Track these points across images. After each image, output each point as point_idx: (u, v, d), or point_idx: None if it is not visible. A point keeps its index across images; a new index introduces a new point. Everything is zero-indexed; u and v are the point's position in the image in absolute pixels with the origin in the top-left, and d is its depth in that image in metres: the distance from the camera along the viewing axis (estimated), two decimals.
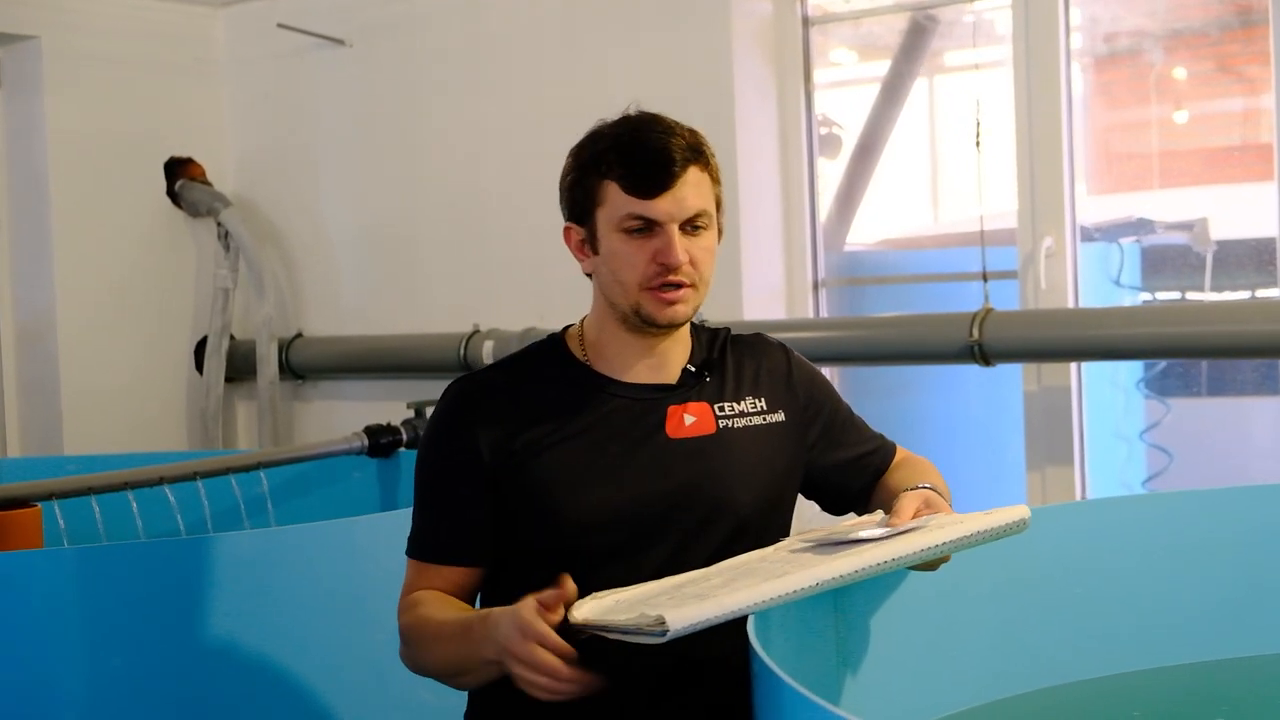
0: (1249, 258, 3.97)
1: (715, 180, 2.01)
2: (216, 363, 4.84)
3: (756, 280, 4.05)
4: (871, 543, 1.73)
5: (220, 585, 2.61)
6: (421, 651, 1.95)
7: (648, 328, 1.99)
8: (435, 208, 4.59)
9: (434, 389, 4.35)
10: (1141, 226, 4.25)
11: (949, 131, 4.21)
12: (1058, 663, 2.11)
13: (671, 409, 2.03)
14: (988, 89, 3.86)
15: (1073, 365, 3.72)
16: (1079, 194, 3.79)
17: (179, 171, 4.85)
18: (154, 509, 3.44)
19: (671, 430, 2.01)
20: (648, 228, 1.94)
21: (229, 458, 3.62)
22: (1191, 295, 4.15)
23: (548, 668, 1.70)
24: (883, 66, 4.28)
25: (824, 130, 4.28)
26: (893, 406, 4.33)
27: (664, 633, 1.56)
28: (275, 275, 4.88)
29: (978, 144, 3.74)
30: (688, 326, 2.08)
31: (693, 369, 2.07)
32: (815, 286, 4.15)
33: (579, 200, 2.00)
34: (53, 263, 4.62)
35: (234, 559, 2.65)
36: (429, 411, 4.04)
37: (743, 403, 2.07)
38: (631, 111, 2.02)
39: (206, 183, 4.87)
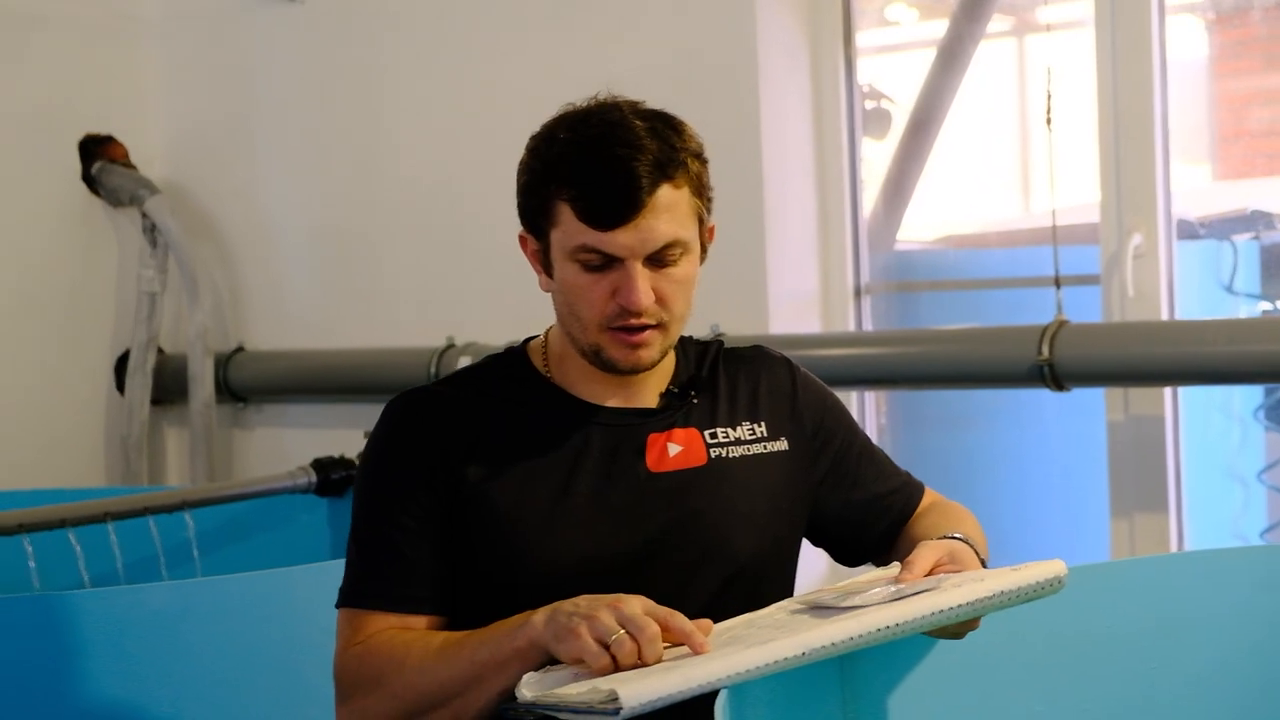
0: None
1: (697, 190, 2.01)
2: (141, 381, 4.87)
3: (785, 286, 4.06)
4: (878, 606, 1.74)
5: (122, 648, 2.64)
6: (399, 677, 1.93)
7: (610, 371, 2.02)
8: (402, 198, 4.62)
9: None
10: (1259, 221, 4.24)
11: (1017, 106, 4.22)
12: None
13: (652, 437, 2.06)
14: (1063, 54, 3.87)
15: (1166, 390, 3.72)
16: (1200, 180, 3.78)
17: (96, 152, 4.88)
18: (55, 557, 3.47)
19: (653, 462, 2.05)
20: (606, 262, 1.96)
21: (146, 496, 3.66)
22: None
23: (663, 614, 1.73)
24: (941, 26, 4.30)
25: (870, 104, 4.30)
26: (951, 440, 4.34)
27: (616, 710, 1.58)
28: (211, 277, 4.91)
29: (1048, 121, 3.75)
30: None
31: (675, 390, 2.09)
32: (857, 293, 4.16)
33: (532, 212, 2.04)
34: None
35: (139, 616, 2.68)
36: None
37: (738, 428, 2.10)
38: (601, 98, 2.03)
39: (130, 165, 4.90)
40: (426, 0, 4.54)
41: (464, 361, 4.30)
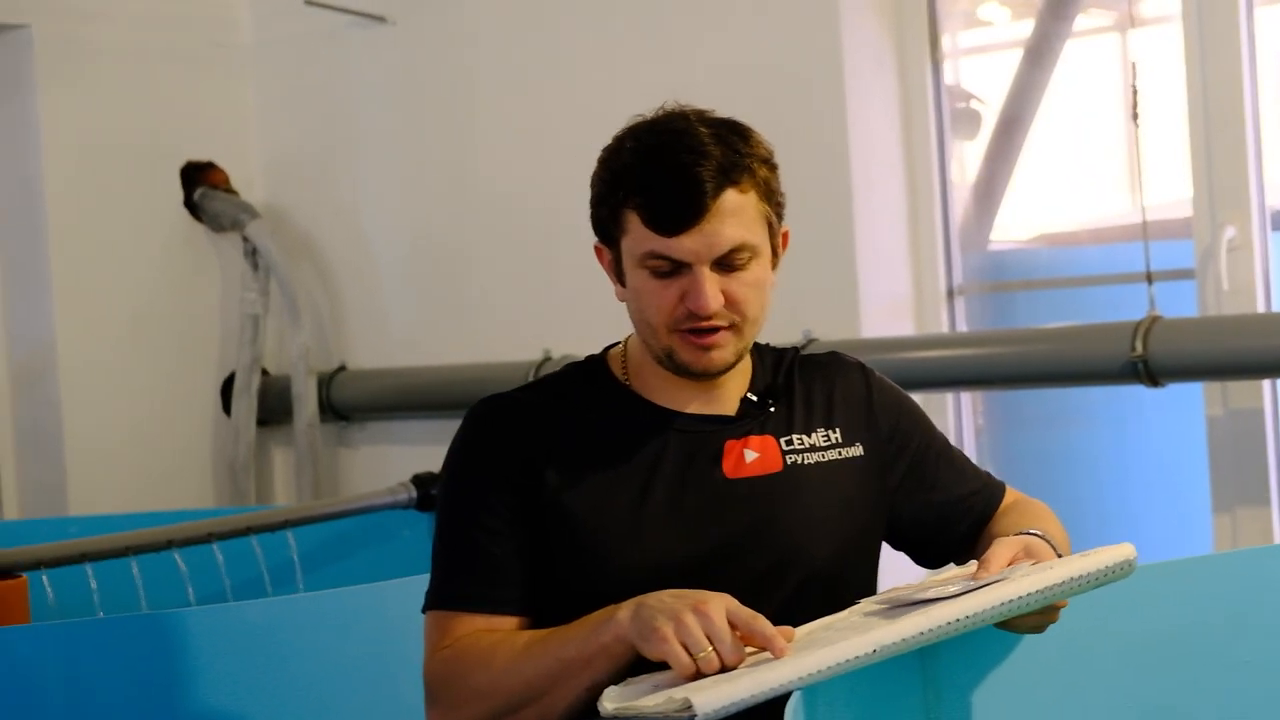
0: None
1: (765, 195, 2.03)
2: (246, 403, 4.95)
3: (877, 289, 4.08)
4: (949, 599, 1.75)
5: (221, 666, 2.69)
6: (486, 673, 1.95)
7: (684, 375, 2.04)
8: (496, 214, 4.67)
9: None
10: None
11: (1107, 103, 4.19)
12: None
13: (729, 444, 2.08)
14: (1153, 49, 3.85)
15: (1266, 384, 3.69)
16: None
17: (198, 179, 4.97)
18: (163, 577, 3.55)
19: (730, 469, 2.07)
20: (674, 268, 1.99)
21: (249, 516, 3.72)
22: None
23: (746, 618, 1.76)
24: (1027, 26, 4.28)
25: (960, 105, 4.30)
26: (1051, 439, 4.32)
27: (691, 718, 1.61)
28: (312, 298, 5.00)
29: (1135, 117, 3.73)
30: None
31: (754, 398, 2.11)
32: (950, 294, 4.16)
33: (604, 222, 2.08)
34: (51, 290, 4.74)
35: (239, 632, 2.73)
36: None
37: (814, 435, 2.11)
38: (668, 108, 2.06)
39: (231, 191, 4.99)
40: (513, 17, 4.60)
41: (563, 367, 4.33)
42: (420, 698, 2.09)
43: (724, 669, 1.75)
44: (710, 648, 1.75)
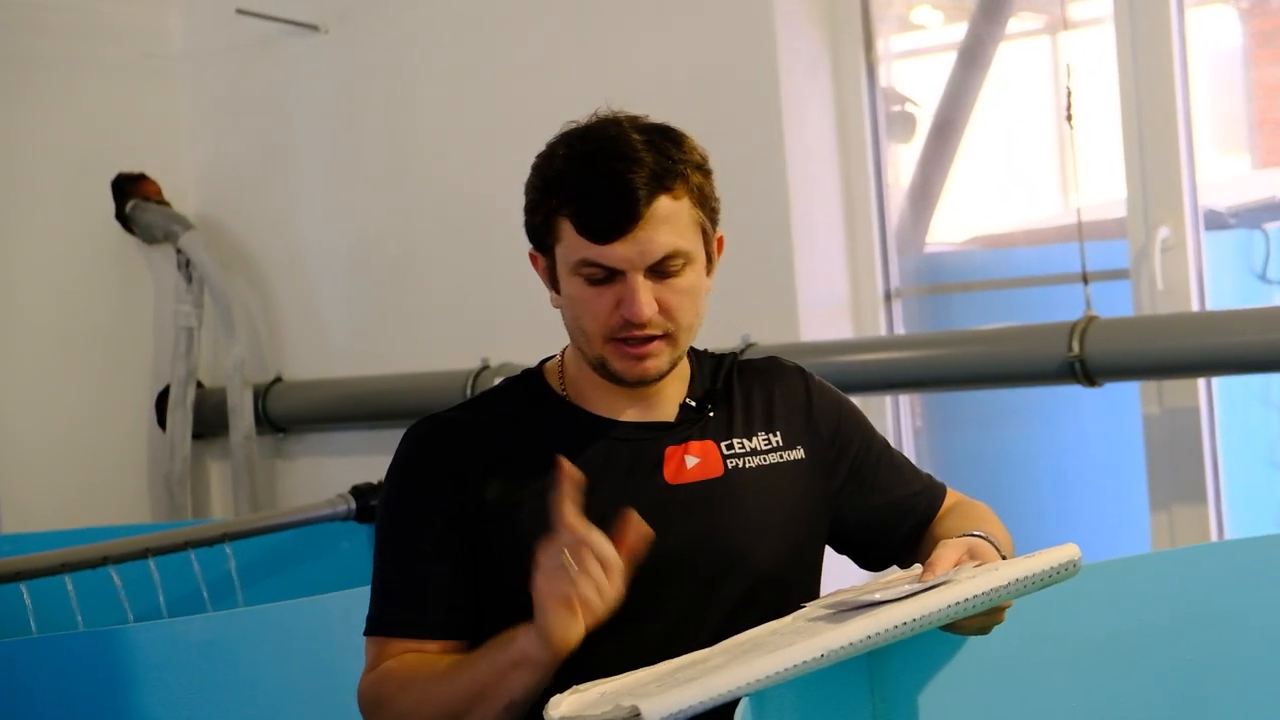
0: None
1: (698, 202, 2.02)
2: (182, 416, 4.91)
3: (815, 293, 4.08)
4: (895, 602, 1.75)
5: (164, 681, 2.66)
6: (406, 698, 1.97)
7: (618, 384, 2.04)
8: (434, 222, 4.66)
9: None
10: None
11: (1042, 105, 4.22)
12: None
13: (670, 450, 2.08)
14: (1086, 51, 3.87)
15: (1200, 382, 3.72)
16: (1240, 169, 3.77)
17: (130, 190, 4.93)
18: (99, 594, 3.51)
19: (670, 475, 2.06)
20: (608, 276, 1.99)
21: (186, 530, 3.68)
22: None
23: (602, 550, 1.80)
24: (961, 29, 4.30)
25: (895, 108, 4.31)
26: (988, 440, 4.34)
27: None
28: (247, 309, 4.97)
29: (1070, 118, 3.75)
30: (686, 354, 2.12)
31: (693, 403, 2.11)
32: (887, 297, 4.18)
33: (537, 229, 2.08)
34: None
35: (179, 649, 2.71)
36: None
37: (754, 439, 2.11)
38: (602, 113, 2.06)
39: (163, 202, 4.95)
40: (449, 23, 4.58)
41: (498, 382, 4.32)
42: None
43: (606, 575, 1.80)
44: (577, 566, 1.80)
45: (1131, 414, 3.84)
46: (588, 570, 1.80)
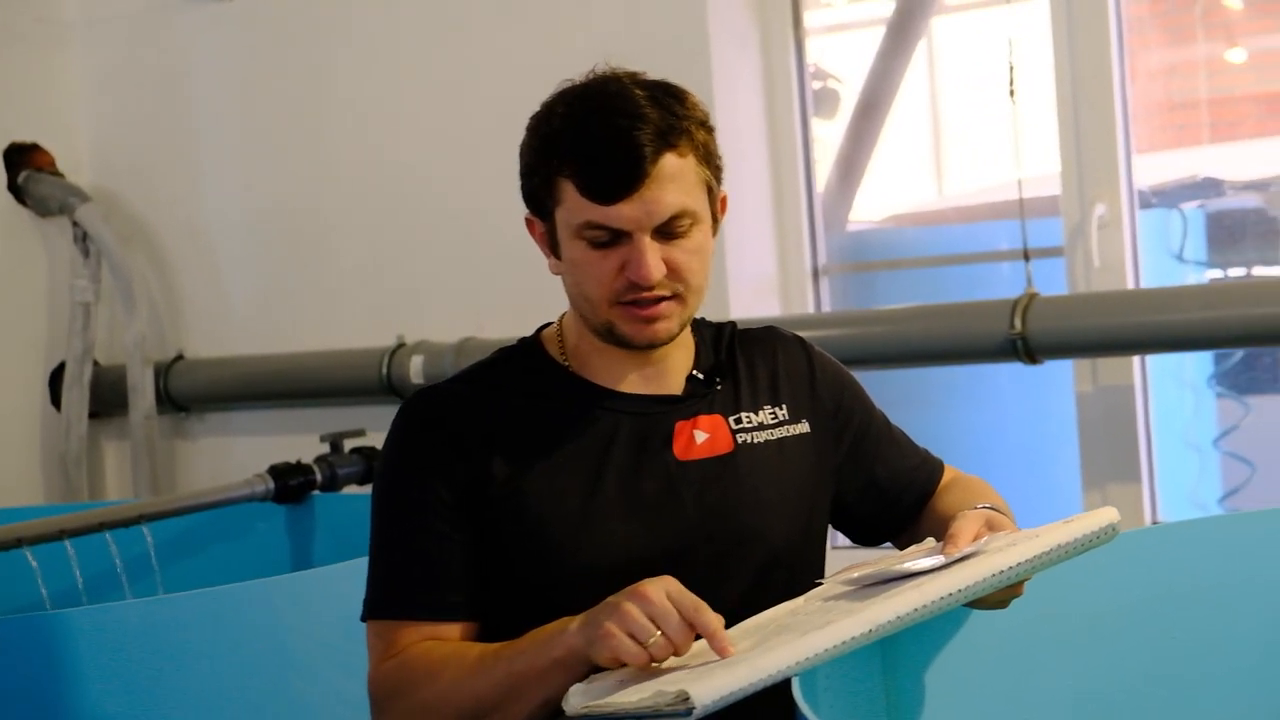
0: None
1: (704, 159, 1.98)
2: (78, 394, 4.80)
3: (744, 269, 4.06)
4: (928, 574, 1.72)
5: (99, 669, 2.58)
6: (433, 688, 1.88)
7: (627, 348, 1.98)
8: (345, 194, 4.57)
9: (351, 417, 4.40)
10: (1206, 188, 4.27)
11: (982, 81, 4.22)
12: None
13: (679, 425, 2.03)
14: (1023, 25, 3.88)
15: (1135, 360, 3.74)
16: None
17: (22, 161, 4.81)
18: (14, 575, 3.41)
19: (680, 451, 2.01)
20: (613, 238, 1.92)
21: (102, 511, 3.59)
22: (1260, 270, 4.18)
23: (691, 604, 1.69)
24: (887, 5, 4.29)
25: (817, 85, 4.30)
26: (918, 417, 4.33)
27: (689, 711, 1.54)
28: (147, 284, 4.84)
29: (1012, 94, 3.75)
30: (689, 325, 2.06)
31: (700, 375, 2.06)
32: (815, 274, 4.16)
33: (535, 193, 2.00)
34: None
35: (115, 635, 2.62)
36: (346, 445, 4.08)
37: (761, 412, 2.07)
38: (599, 71, 2.00)
39: (57, 173, 4.83)
40: None
41: (416, 360, 4.26)
42: (312, 702, 2.02)
43: (676, 654, 1.70)
44: (658, 632, 1.70)
45: (1065, 392, 3.85)
46: (673, 646, 1.71)
